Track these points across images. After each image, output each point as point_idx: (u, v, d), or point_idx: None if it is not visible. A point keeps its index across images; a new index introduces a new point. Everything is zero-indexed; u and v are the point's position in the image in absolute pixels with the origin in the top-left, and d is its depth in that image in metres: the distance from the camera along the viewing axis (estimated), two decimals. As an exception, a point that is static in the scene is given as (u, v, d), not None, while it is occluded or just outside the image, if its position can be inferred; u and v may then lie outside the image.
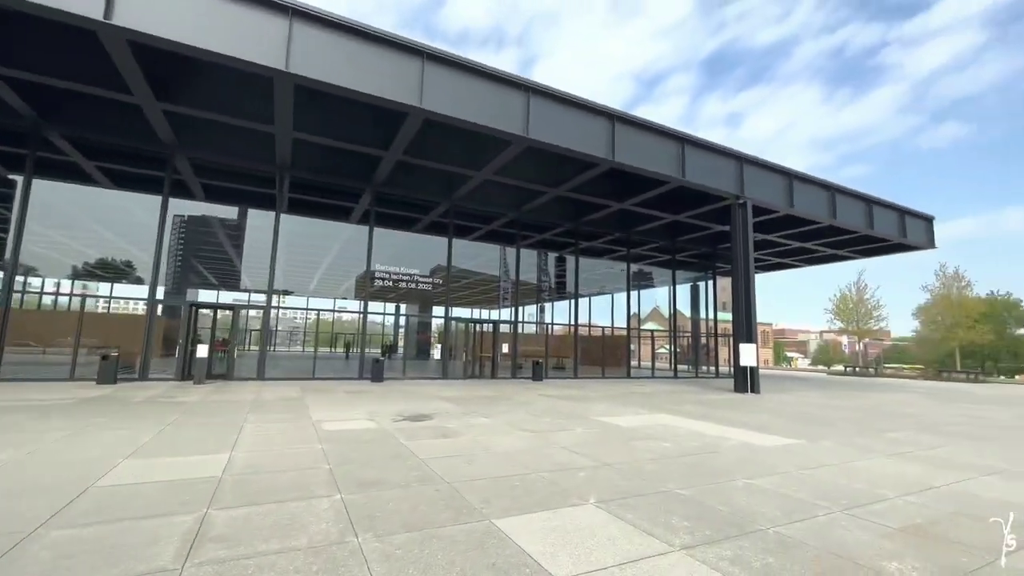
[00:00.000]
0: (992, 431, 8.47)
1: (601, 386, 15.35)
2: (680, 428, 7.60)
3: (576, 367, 18.84)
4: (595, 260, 24.15)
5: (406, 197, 16.45)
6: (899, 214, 20.31)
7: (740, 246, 15.15)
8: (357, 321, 15.37)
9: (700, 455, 5.69)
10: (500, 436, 6.44)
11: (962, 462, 5.81)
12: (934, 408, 12.17)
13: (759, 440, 6.82)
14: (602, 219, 19.09)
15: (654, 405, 10.65)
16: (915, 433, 7.96)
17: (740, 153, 15.42)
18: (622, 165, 13.00)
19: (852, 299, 33.86)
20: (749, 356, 14.39)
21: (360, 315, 15.45)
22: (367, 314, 15.92)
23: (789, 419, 9.15)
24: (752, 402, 12.14)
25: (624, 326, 21.78)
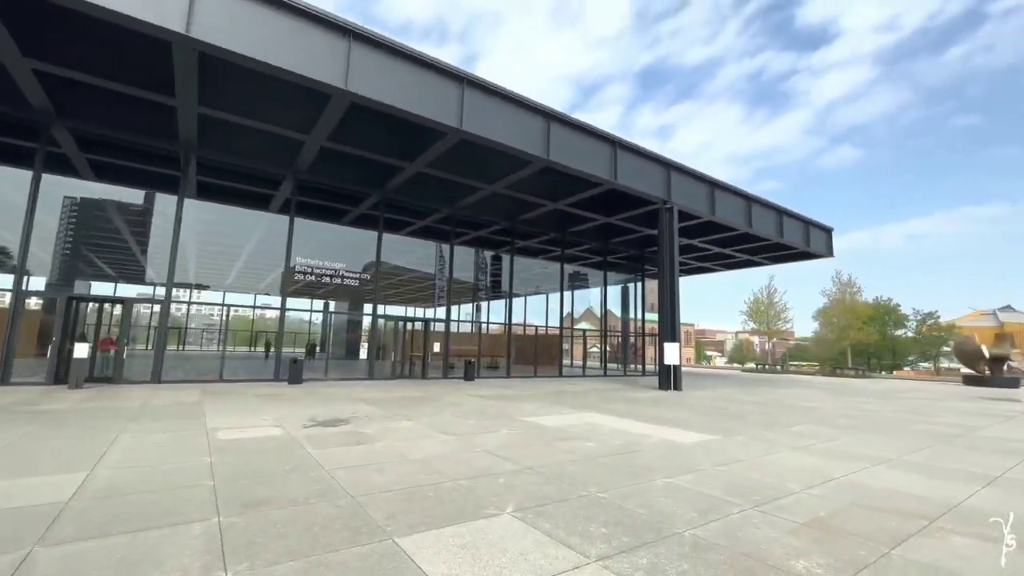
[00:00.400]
0: (878, 424, 9.32)
1: (533, 385, 15.33)
2: (605, 427, 7.62)
3: (509, 366, 18.74)
4: (531, 260, 24.23)
5: (333, 187, 15.47)
6: (804, 225, 22.21)
7: (666, 249, 15.76)
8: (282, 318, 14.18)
9: (622, 455, 5.66)
10: (420, 441, 6.06)
11: (855, 453, 6.25)
12: (830, 402, 13.32)
13: (679, 437, 6.97)
14: (538, 218, 19.13)
15: (582, 404, 10.72)
16: (815, 426, 8.56)
17: (668, 160, 16.05)
18: (557, 164, 13.02)
19: (763, 302, 36.83)
20: (673, 355, 14.99)
21: (279, 312, 14.26)
22: (286, 310, 14.77)
23: (707, 415, 9.54)
24: (674, 399, 12.62)
25: (557, 326, 22.01)
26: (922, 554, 3.06)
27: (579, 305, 29.24)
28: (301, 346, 29.10)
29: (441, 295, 23.45)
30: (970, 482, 4.92)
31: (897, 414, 10.88)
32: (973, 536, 3.40)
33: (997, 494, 4.52)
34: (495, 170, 14.59)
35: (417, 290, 34.93)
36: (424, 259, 20.14)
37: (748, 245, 22.42)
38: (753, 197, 19.36)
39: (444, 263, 21.39)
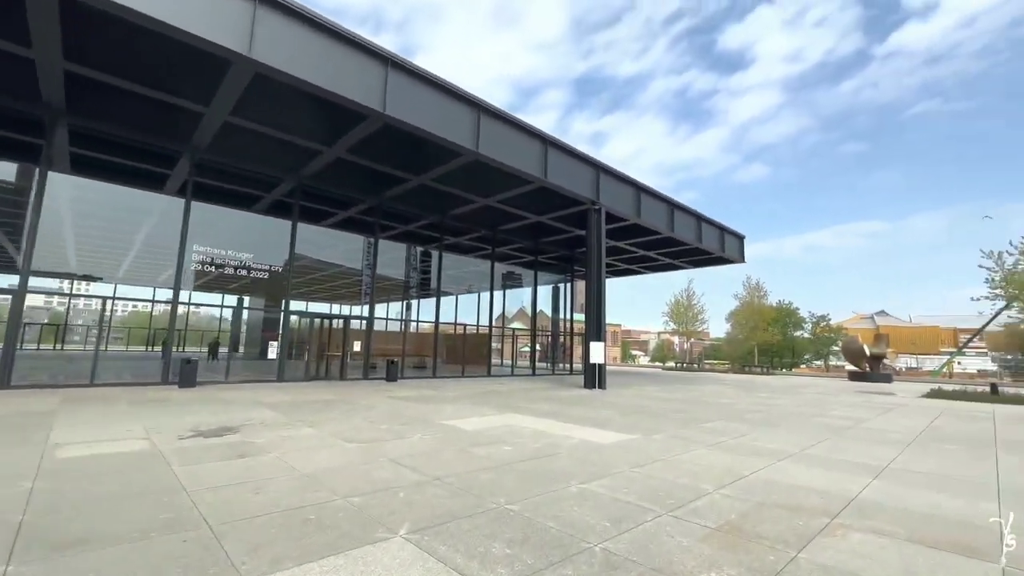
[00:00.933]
0: (782, 417, 9.88)
1: (459, 385, 14.85)
2: (526, 429, 7.34)
3: (435, 366, 18.09)
4: (462, 257, 23.71)
5: (240, 169, 13.97)
6: (720, 232, 23.64)
7: (594, 249, 15.95)
8: (186, 314, 12.49)
9: (539, 459, 5.37)
10: (318, 451, 5.38)
11: (763, 448, 6.44)
12: (740, 398, 14.12)
13: (599, 437, 6.84)
14: (468, 214, 18.66)
15: (506, 404, 10.42)
16: (727, 422, 8.87)
17: (597, 161, 16.26)
18: (487, 158, 12.65)
19: (683, 304, 39.03)
20: (598, 354, 15.18)
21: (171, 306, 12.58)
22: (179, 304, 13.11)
23: (628, 413, 9.61)
24: (598, 398, 12.72)
25: (488, 325, 21.67)
26: (827, 556, 3.00)
27: (513, 305, 29.18)
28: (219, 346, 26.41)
29: (368, 292, 22.31)
30: (862, 474, 5.16)
31: (798, 408, 11.68)
32: (870, 532, 3.43)
33: (884, 485, 4.74)
34: (423, 161, 13.93)
35: (343, 286, 33.19)
36: (350, 254, 18.94)
37: (670, 249, 23.45)
38: (675, 203, 20.23)
39: (378, 258, 20.31)
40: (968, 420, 10.44)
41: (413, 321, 21.16)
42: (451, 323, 20.96)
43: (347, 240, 18.68)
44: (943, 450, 6.77)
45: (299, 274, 20.63)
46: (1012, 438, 8.07)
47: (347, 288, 32.44)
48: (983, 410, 12.72)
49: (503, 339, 25.60)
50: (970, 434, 8.40)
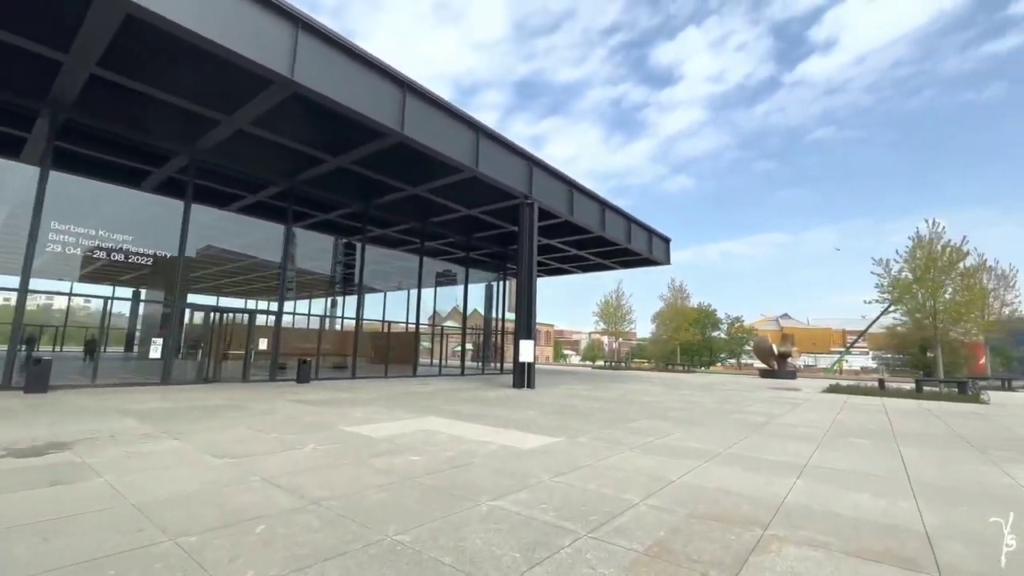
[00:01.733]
0: (704, 415, 9.93)
1: (380, 386, 13.75)
2: (442, 434, 6.61)
3: (354, 366, 16.78)
4: (389, 251, 22.47)
5: (118, 136, 11.95)
6: (648, 234, 24.28)
7: (525, 245, 15.51)
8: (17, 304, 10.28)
9: (450, 470, 4.68)
10: (171, 471, 4.31)
11: (688, 448, 6.19)
12: (664, 395, 14.30)
13: (521, 442, 6.27)
14: (395, 203, 17.52)
15: (426, 407, 9.60)
16: (653, 421, 8.69)
17: (531, 155, 15.86)
18: (413, 142, 11.74)
19: (613, 304, 40.06)
20: (527, 352, 14.75)
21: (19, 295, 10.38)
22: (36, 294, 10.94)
23: (555, 414, 9.17)
24: (526, 397, 12.25)
25: (415, 323, 20.59)
26: (766, 581, 2.57)
27: (448, 304, 28.30)
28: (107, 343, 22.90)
29: (289, 286, 20.59)
30: (785, 474, 4.99)
31: (717, 405, 11.92)
32: (805, 544, 3.09)
33: (808, 486, 4.55)
34: (342, 141, 12.72)
35: (260, 280, 30.54)
36: (267, 244, 17.07)
37: (601, 249, 23.70)
38: (607, 203, 20.39)
39: (294, 249, 18.66)
40: (866, 413, 11.14)
41: (331, 317, 19.64)
42: (377, 320, 19.68)
43: (263, 228, 16.88)
44: (853, 445, 6.92)
45: (205, 265, 18.42)
46: (905, 430, 8.57)
47: (264, 282, 29.85)
48: (875, 404, 13.80)
49: (434, 339, 24.60)
50: (871, 428, 8.84)
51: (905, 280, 19.21)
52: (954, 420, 10.41)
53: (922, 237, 19.01)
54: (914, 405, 13.69)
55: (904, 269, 19.35)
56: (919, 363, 38.20)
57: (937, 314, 18.20)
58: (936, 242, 18.68)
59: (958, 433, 8.50)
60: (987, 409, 13.23)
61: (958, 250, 18.51)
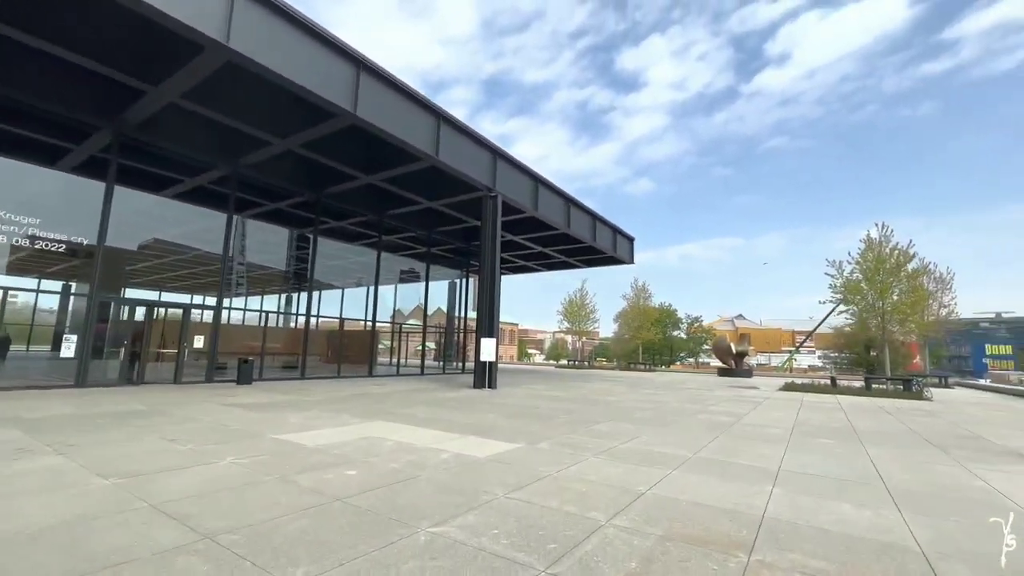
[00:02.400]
0: (669, 416, 9.63)
1: (331, 387, 12.81)
2: (388, 442, 5.92)
3: (304, 366, 15.69)
4: (347, 245, 21.38)
5: (18, 103, 10.48)
6: (613, 232, 24.18)
7: (489, 239, 14.91)
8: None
9: (391, 486, 4.02)
10: (32, 497, 3.46)
11: (656, 454, 5.77)
12: (628, 395, 14.04)
13: (478, 449, 5.67)
14: (350, 193, 16.54)
15: (377, 410, 8.84)
16: (617, 423, 8.28)
17: (495, 147, 15.26)
18: (367, 124, 10.91)
19: (577, 303, 40.05)
20: (489, 351, 14.16)
21: None
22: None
23: (516, 416, 8.62)
24: (486, 399, 11.65)
25: (383, 321, 19.60)
26: (764, 631, 2.08)
27: (411, 302, 27.42)
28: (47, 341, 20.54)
29: (239, 281, 19.24)
30: (761, 481, 4.62)
31: (681, 404, 11.71)
32: (796, 572, 2.65)
33: (788, 496, 4.18)
34: (289, 121, 11.73)
35: (207, 275, 28.61)
36: (213, 234, 15.68)
37: (566, 246, 23.40)
38: (572, 199, 20.06)
39: (244, 241, 17.41)
40: (824, 412, 11.19)
41: (279, 314, 18.42)
42: (333, 318, 18.60)
43: (208, 218, 15.51)
44: (821, 446, 6.72)
45: (145, 257, 16.87)
46: (865, 428, 8.53)
47: (212, 277, 27.91)
48: (831, 401, 14.03)
49: (393, 337, 23.62)
50: (833, 426, 8.77)
51: (856, 281, 19.91)
52: (906, 417, 10.58)
53: (873, 240, 19.80)
54: (866, 402, 14.01)
55: (856, 271, 20.07)
56: (864, 361, 40.16)
57: (885, 314, 18.97)
58: (885, 245, 19.48)
59: (913, 430, 8.54)
60: (932, 406, 13.68)
61: (905, 253, 19.38)
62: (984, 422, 10.28)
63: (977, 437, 8.08)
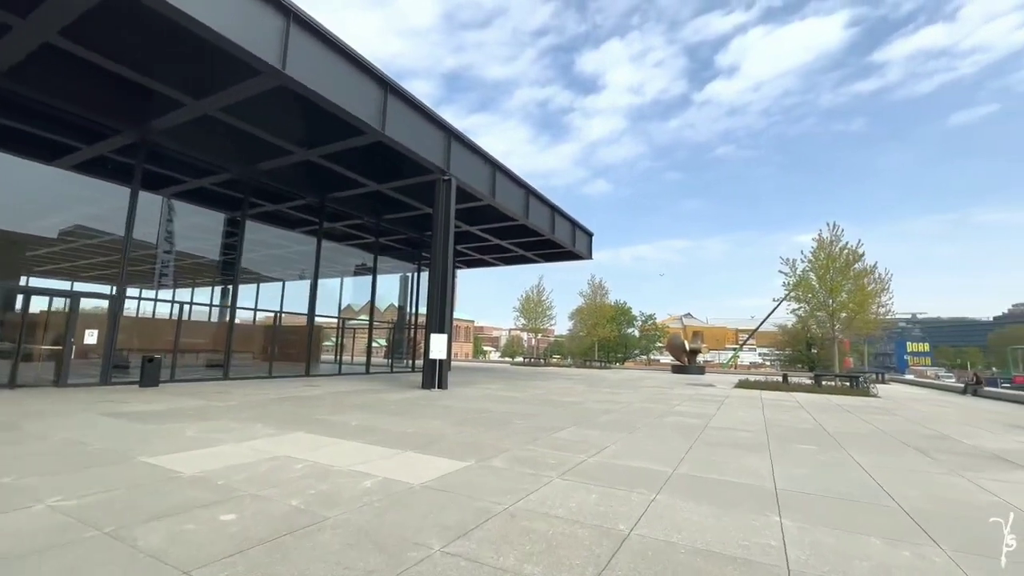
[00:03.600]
0: (635, 418, 8.85)
1: (256, 390, 11.18)
2: (301, 463, 4.67)
3: (227, 364, 13.85)
4: (286, 232, 19.47)
5: None
6: (572, 226, 23.48)
7: (441, 226, 13.67)
8: None
9: (279, 540, 2.82)
10: None
11: (631, 470, 4.86)
12: (588, 394, 13.26)
13: (415, 470, 4.53)
14: (285, 171, 14.80)
15: (302, 417, 7.47)
16: (581, 428, 7.37)
17: (450, 126, 14.02)
18: (298, 85, 9.42)
19: (534, 299, 39.37)
20: (439, 348, 12.95)
21: None
22: None
23: (466, 423, 7.52)
24: (435, 401, 10.47)
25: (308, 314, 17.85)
26: None
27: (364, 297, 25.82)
28: None
29: (165, 271, 17.04)
30: (762, 507, 3.78)
31: (644, 405, 11.02)
32: None
33: (801, 531, 3.34)
34: (206, 77, 10.01)
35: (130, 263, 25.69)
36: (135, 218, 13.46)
37: (524, 239, 22.47)
38: (532, 189, 19.13)
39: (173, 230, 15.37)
40: (788, 411, 10.82)
41: (200, 305, 16.45)
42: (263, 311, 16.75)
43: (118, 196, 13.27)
44: (804, 454, 6.06)
45: (51, 243, 14.45)
46: (836, 430, 8.08)
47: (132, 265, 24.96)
48: (787, 399, 13.86)
49: (339, 333, 21.83)
50: (804, 428, 8.27)
51: (807, 279, 20.23)
52: (866, 415, 10.37)
53: (824, 239, 20.18)
54: (821, 400, 13.95)
55: (808, 269, 20.39)
56: (804, 359, 41.98)
57: (835, 312, 19.39)
58: (835, 244, 19.91)
59: (882, 431, 8.18)
60: (881, 403, 13.80)
61: (854, 252, 19.88)
62: (939, 419, 10.21)
63: (944, 437, 7.79)
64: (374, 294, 20.12)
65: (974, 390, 18.24)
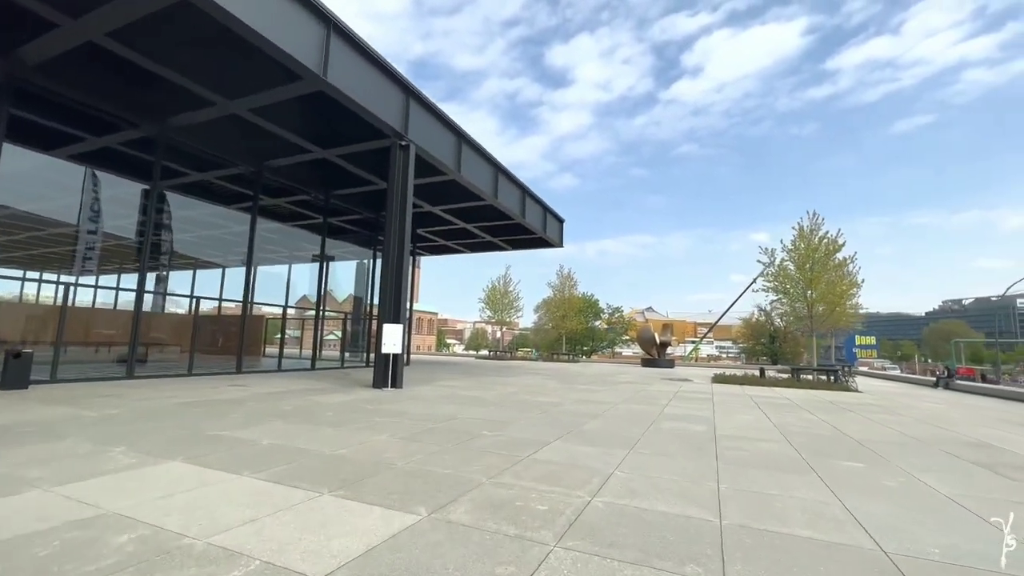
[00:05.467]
0: (628, 426, 7.40)
1: (160, 392, 8.98)
2: (130, 531, 2.81)
3: (131, 361, 11.48)
4: (219, 209, 17.04)
5: None
6: (543, 210, 21.94)
7: (397, 198, 11.74)
8: None
9: None
10: None
11: (658, 517, 3.30)
12: (564, 393, 11.76)
13: (323, 540, 2.78)
14: (208, 129, 12.44)
15: (197, 434, 5.52)
16: (568, 443, 5.80)
17: (408, 83, 12.06)
18: (212, 7, 7.30)
19: (500, 290, 37.72)
20: (394, 340, 11.10)
21: None
22: None
23: (419, 437, 5.79)
24: (385, 403, 8.66)
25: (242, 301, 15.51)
26: None
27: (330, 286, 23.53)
28: None
29: (89, 255, 14.60)
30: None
31: (630, 406, 9.61)
32: None
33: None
34: None
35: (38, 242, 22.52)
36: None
37: (491, 223, 20.75)
38: (501, 167, 17.40)
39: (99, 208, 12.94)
40: (789, 411, 9.68)
41: (77, 286, 13.91)
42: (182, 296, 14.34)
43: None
44: (856, 476, 4.71)
45: None
46: (863, 436, 6.89)
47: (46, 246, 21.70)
48: (776, 396, 12.86)
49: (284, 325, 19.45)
50: (824, 434, 7.03)
51: (786, 269, 19.56)
52: (875, 416, 9.35)
53: (804, 229, 19.54)
54: (811, 396, 13.04)
55: (786, 260, 19.72)
56: (767, 351, 42.39)
57: (813, 304, 18.81)
58: (815, 233, 19.32)
59: (914, 437, 7.05)
60: (870, 399, 13.05)
61: (834, 242, 19.34)
62: (949, 420, 9.32)
63: (983, 444, 6.72)
64: (322, 281, 17.88)
65: (946, 383, 18.06)
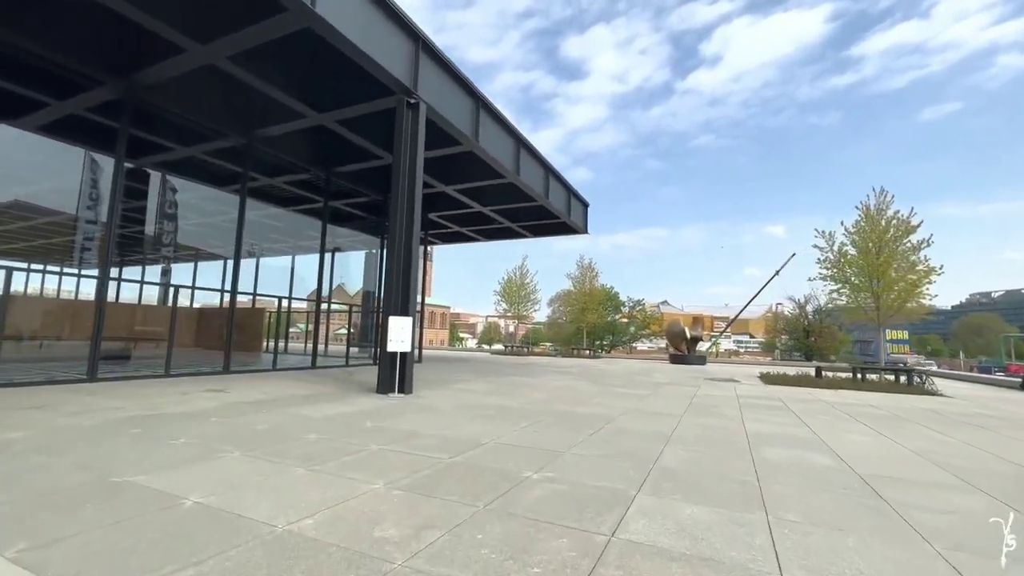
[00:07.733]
0: (723, 456, 5.42)
1: (110, 399, 7.24)
2: None
3: (94, 360, 9.76)
4: (213, 191, 15.44)
5: None
6: (568, 192, 19.91)
7: (405, 166, 9.81)
8: None
9: None
10: None
11: None
12: (605, 399, 9.80)
13: None
14: (183, 90, 10.64)
15: (101, 477, 3.67)
16: (660, 498, 3.86)
17: (419, 29, 10.08)
18: None
19: (516, 282, 35.80)
20: (401, 336, 9.22)
21: None
22: None
23: (432, 487, 3.89)
24: (387, 419, 6.78)
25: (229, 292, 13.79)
26: None
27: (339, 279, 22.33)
28: None
29: (88, 246, 13.20)
30: None
31: (699, 419, 7.61)
32: None
33: None
34: None
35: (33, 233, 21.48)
36: None
37: (510, 206, 18.76)
38: (524, 140, 15.39)
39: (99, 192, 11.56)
40: (900, 424, 7.58)
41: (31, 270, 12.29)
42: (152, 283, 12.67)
43: None
44: None
45: None
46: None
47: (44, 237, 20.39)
48: (861, 402, 10.73)
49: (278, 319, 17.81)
50: (1003, 473, 4.97)
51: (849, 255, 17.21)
52: (1010, 433, 7.22)
53: (870, 209, 17.14)
54: (899, 403, 10.86)
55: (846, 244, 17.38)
56: (800, 347, 39.85)
57: (881, 294, 16.50)
58: (883, 214, 16.93)
59: None
60: (977, 406, 10.86)
61: (907, 223, 16.93)
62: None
63: None
64: (322, 271, 16.10)
65: (1036, 385, 15.70)
